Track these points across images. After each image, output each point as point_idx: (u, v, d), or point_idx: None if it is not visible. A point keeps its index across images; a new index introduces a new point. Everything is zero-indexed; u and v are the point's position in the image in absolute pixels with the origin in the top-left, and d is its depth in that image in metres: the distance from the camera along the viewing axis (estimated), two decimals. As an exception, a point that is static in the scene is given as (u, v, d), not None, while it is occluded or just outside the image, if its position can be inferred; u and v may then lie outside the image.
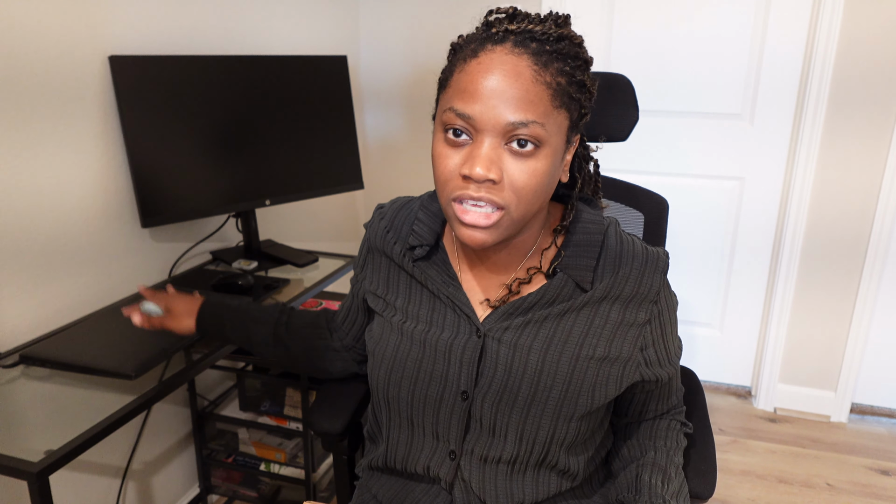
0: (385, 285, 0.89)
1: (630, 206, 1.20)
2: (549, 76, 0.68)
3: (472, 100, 0.67)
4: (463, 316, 0.82)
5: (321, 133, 1.76)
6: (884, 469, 2.02)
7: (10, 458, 0.89)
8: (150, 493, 1.64)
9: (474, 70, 0.68)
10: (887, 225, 2.05)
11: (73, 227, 1.34)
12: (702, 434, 1.00)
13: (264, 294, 1.44)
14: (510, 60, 0.67)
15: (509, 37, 0.68)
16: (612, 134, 1.17)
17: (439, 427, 0.83)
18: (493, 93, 0.66)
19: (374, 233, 0.91)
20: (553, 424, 0.79)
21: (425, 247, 0.84)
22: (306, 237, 2.23)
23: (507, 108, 0.66)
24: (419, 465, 0.86)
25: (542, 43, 0.68)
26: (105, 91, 1.38)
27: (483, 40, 0.70)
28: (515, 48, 0.68)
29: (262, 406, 1.66)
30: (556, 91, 0.68)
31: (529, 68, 0.67)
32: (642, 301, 0.81)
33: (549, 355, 0.79)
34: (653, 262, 0.81)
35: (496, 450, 0.81)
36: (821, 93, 2.02)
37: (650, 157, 2.31)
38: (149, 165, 1.41)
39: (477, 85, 0.67)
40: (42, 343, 1.15)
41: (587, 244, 0.81)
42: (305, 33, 2.10)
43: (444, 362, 0.81)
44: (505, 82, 0.66)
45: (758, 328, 2.36)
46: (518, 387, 0.79)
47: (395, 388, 0.84)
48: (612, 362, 0.80)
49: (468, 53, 0.70)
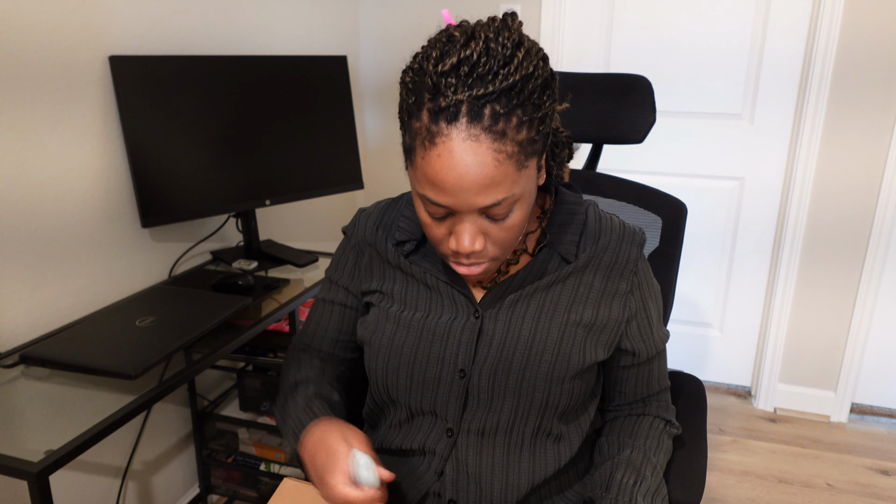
0: (381, 277, 0.91)
1: (648, 209, 1.19)
2: (510, 145, 0.67)
3: (443, 194, 0.69)
4: (462, 298, 0.86)
5: (321, 133, 1.76)
6: (884, 469, 2.02)
7: (10, 458, 0.89)
8: (150, 493, 1.64)
9: (436, 163, 0.67)
10: (887, 223, 2.05)
11: (74, 226, 1.34)
12: (695, 443, 0.99)
13: (264, 294, 1.44)
14: (469, 149, 0.66)
15: (461, 109, 0.65)
16: (627, 136, 1.17)
17: (437, 406, 0.85)
18: (460, 188, 0.68)
19: (361, 230, 0.93)
20: (547, 386, 0.82)
21: (413, 241, 0.88)
22: (306, 237, 2.23)
23: (476, 197, 0.68)
24: (415, 442, 0.88)
25: (495, 102, 0.65)
26: (105, 91, 1.38)
27: (436, 116, 0.66)
28: (471, 127, 0.65)
29: (262, 406, 1.66)
30: (520, 151, 0.68)
31: (489, 151, 0.66)
32: (623, 271, 0.86)
33: (541, 323, 0.84)
34: (629, 236, 0.87)
35: (493, 419, 0.84)
36: (821, 90, 2.02)
37: (650, 156, 2.31)
38: (149, 165, 1.41)
39: (443, 179, 0.68)
40: (42, 343, 1.15)
41: (570, 223, 0.86)
42: (305, 33, 2.10)
43: (441, 344, 0.85)
44: (470, 176, 0.67)
45: (758, 328, 2.36)
46: (512, 355, 0.83)
47: (394, 376, 0.86)
48: (601, 329, 0.85)
49: (425, 135, 0.68)
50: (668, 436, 0.94)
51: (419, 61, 0.70)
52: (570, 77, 1.26)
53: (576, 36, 2.27)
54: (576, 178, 1.26)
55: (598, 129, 1.21)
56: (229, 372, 1.80)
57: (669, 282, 1.16)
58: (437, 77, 0.67)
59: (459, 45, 0.67)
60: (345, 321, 0.96)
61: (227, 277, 1.45)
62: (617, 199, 1.22)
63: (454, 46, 0.68)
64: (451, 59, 0.67)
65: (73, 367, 1.08)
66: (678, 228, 1.16)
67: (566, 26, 2.26)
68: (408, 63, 0.76)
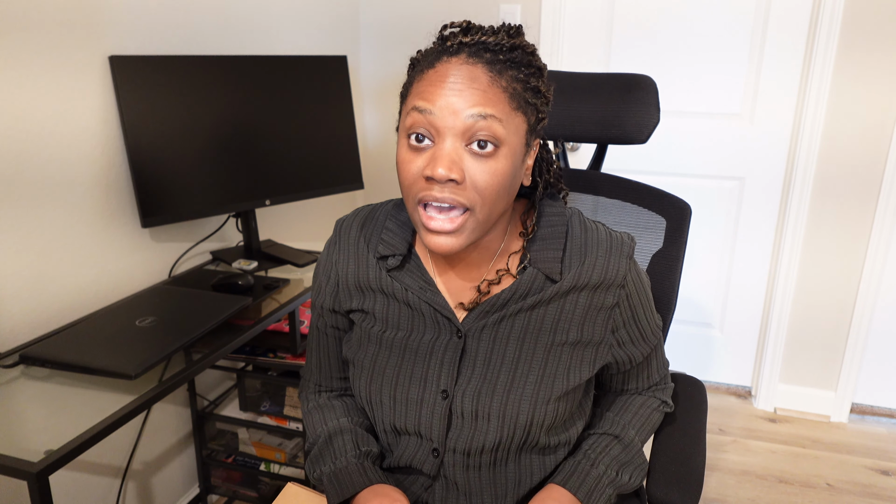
0: (361, 297, 0.89)
1: (652, 210, 1.18)
2: (504, 81, 0.72)
3: (433, 98, 0.71)
4: (443, 319, 0.84)
5: (321, 133, 1.76)
6: (884, 469, 2.02)
7: (10, 458, 0.89)
8: (150, 493, 1.64)
9: (432, 77, 0.72)
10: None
11: (74, 226, 1.34)
12: (695, 444, 0.99)
13: (264, 294, 1.44)
14: (466, 68, 0.71)
15: (464, 49, 0.72)
16: (631, 136, 1.16)
17: (421, 427, 0.84)
18: (451, 92, 0.71)
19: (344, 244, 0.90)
20: (532, 408, 0.81)
21: (398, 256, 0.86)
22: (306, 237, 2.23)
23: (465, 104, 0.70)
24: (402, 460, 0.88)
25: (496, 53, 0.73)
26: (105, 91, 1.38)
27: (439, 53, 0.74)
28: (470, 58, 0.72)
29: (262, 406, 1.66)
30: (512, 94, 0.72)
31: (485, 74, 0.71)
32: (610, 286, 0.84)
33: (526, 344, 0.83)
34: (617, 248, 0.84)
35: (479, 438, 0.83)
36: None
37: (650, 156, 2.31)
38: (149, 165, 1.41)
39: (436, 87, 0.71)
40: (42, 343, 1.15)
41: (552, 237, 0.84)
42: (305, 33, 2.10)
43: (423, 364, 0.84)
44: (462, 83, 0.71)
45: (758, 328, 2.36)
46: (497, 376, 0.82)
47: (377, 394, 0.86)
48: (585, 346, 0.84)
49: (425, 65, 0.74)
50: (658, 413, 0.97)
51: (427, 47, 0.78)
52: (575, 77, 1.25)
53: (576, 36, 2.27)
54: (580, 178, 1.26)
55: (602, 128, 1.20)
56: (229, 372, 1.80)
57: (672, 283, 1.15)
58: (445, 32, 0.75)
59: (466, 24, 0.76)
60: (342, 346, 0.95)
61: (226, 277, 1.45)
62: (621, 200, 1.22)
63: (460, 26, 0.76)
64: (461, 23, 0.75)
65: (73, 367, 1.08)
66: (682, 229, 1.15)
67: (566, 26, 2.26)
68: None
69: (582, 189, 1.25)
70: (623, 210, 1.21)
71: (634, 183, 1.21)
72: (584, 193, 1.25)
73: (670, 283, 1.15)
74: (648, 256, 1.18)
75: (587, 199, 1.25)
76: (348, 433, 0.91)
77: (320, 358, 0.98)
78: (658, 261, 1.16)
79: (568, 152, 2.35)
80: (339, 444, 0.89)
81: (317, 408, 0.97)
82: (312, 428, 0.95)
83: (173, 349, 1.13)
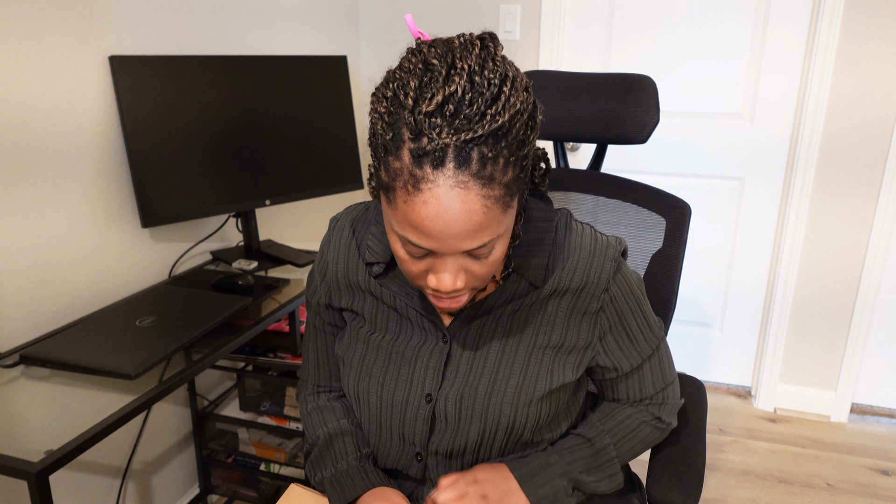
0: (350, 297, 0.89)
1: (652, 210, 1.18)
2: (497, 189, 0.63)
3: (427, 239, 0.65)
4: (430, 324, 0.85)
5: (321, 133, 1.76)
6: (884, 469, 2.02)
7: (10, 458, 0.89)
8: (150, 493, 1.64)
9: (422, 210, 0.62)
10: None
11: (74, 226, 1.34)
12: (695, 444, 0.99)
13: (264, 294, 1.44)
14: (457, 197, 0.62)
15: (448, 154, 0.61)
16: (630, 136, 1.15)
17: (405, 430, 0.85)
18: (446, 235, 0.64)
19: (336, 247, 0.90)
20: (513, 411, 0.81)
21: (382, 264, 0.85)
22: (306, 237, 2.23)
23: (463, 242, 0.65)
24: (388, 463, 0.89)
25: (483, 145, 0.61)
26: (105, 91, 1.38)
27: (419, 159, 0.61)
28: (459, 174, 0.61)
29: (262, 406, 1.66)
30: (506, 193, 0.65)
31: (478, 198, 0.62)
32: (594, 290, 0.82)
33: (507, 347, 0.83)
34: (601, 251, 0.82)
35: (460, 441, 0.83)
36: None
37: (650, 156, 2.31)
38: (149, 165, 1.41)
39: (429, 226, 0.63)
40: (42, 343, 1.15)
41: (538, 242, 0.82)
42: (305, 33, 2.10)
43: (409, 367, 0.84)
44: (458, 224, 0.63)
45: (758, 328, 2.36)
46: (478, 380, 0.82)
47: (365, 393, 0.87)
48: (570, 349, 0.84)
49: (408, 178, 0.62)
50: (649, 427, 0.93)
51: (394, 89, 0.64)
52: (575, 77, 1.25)
53: (576, 36, 2.27)
54: (580, 178, 1.26)
55: (602, 128, 1.20)
56: (229, 372, 1.80)
57: (672, 283, 1.15)
58: (420, 116, 0.61)
59: (442, 80, 0.62)
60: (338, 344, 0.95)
61: (226, 277, 1.45)
62: (621, 200, 1.22)
63: (436, 80, 0.62)
64: (436, 98, 0.61)
65: (73, 367, 1.08)
66: (682, 229, 1.15)
67: (566, 26, 2.26)
68: (378, 84, 0.68)
69: (582, 189, 1.25)
70: (623, 210, 1.21)
71: (634, 183, 1.21)
72: (584, 193, 1.25)
73: (670, 283, 1.15)
74: (648, 256, 1.18)
75: (587, 199, 1.25)
76: (349, 435, 0.91)
77: (318, 357, 0.98)
78: (658, 261, 1.16)
79: (568, 152, 2.35)
80: (340, 446, 0.89)
81: (316, 409, 0.97)
82: (312, 430, 0.95)
83: (173, 349, 1.13)
